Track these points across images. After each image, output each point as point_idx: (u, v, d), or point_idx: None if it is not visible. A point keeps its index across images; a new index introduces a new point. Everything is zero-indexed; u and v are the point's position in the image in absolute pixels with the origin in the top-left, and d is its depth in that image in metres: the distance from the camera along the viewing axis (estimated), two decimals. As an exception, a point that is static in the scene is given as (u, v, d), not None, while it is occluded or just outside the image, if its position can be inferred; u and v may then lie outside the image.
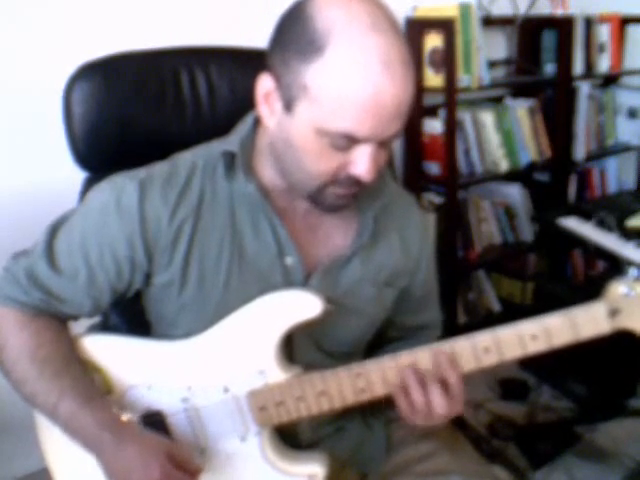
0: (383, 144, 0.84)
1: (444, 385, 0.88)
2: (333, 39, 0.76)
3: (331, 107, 0.78)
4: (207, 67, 1.20)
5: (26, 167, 1.65)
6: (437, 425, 0.92)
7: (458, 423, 2.00)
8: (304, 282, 0.94)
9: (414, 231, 1.04)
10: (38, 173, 1.66)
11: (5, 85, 1.60)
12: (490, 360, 0.89)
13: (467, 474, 1.00)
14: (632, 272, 0.87)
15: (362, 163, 0.82)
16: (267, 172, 0.93)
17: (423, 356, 0.90)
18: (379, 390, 0.92)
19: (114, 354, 0.96)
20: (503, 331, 0.88)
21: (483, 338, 0.89)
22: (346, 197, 0.88)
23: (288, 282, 0.94)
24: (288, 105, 0.82)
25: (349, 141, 0.81)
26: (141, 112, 1.15)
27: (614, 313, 0.86)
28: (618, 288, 0.86)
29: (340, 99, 0.77)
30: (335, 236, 0.98)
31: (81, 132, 1.12)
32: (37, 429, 0.99)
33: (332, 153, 0.82)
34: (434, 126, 2.28)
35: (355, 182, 0.85)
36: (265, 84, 0.85)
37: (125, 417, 0.92)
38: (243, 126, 0.96)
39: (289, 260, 0.94)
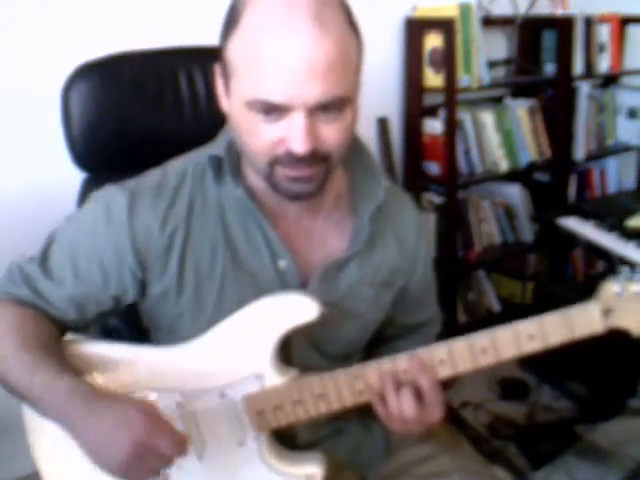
0: (316, 112, 0.77)
1: (418, 391, 0.88)
2: (246, 8, 0.77)
3: (245, 75, 0.77)
4: (205, 67, 1.20)
5: (25, 167, 1.65)
6: (418, 432, 0.91)
7: (458, 423, 2.01)
8: (300, 286, 0.94)
9: (409, 229, 1.03)
10: (37, 173, 1.66)
11: (4, 85, 1.60)
12: (487, 360, 0.89)
13: (467, 475, 1.00)
14: (624, 272, 0.87)
15: (292, 134, 0.77)
16: (252, 174, 0.92)
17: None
18: None
19: (110, 360, 0.95)
20: (500, 331, 0.88)
21: (480, 339, 0.88)
22: (300, 181, 0.82)
23: (283, 286, 0.93)
24: (227, 89, 0.83)
25: (272, 109, 0.77)
26: (139, 112, 1.15)
27: (607, 313, 0.86)
28: (611, 288, 0.87)
29: (249, 64, 0.76)
30: (330, 239, 0.96)
31: (79, 132, 1.12)
32: (27, 432, 0.98)
33: (264, 127, 0.79)
34: (434, 126, 2.28)
35: (297, 159, 0.79)
36: (218, 77, 0.87)
37: None
38: (224, 134, 0.95)
39: (282, 264, 0.93)
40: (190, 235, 0.91)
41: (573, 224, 1.89)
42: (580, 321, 0.87)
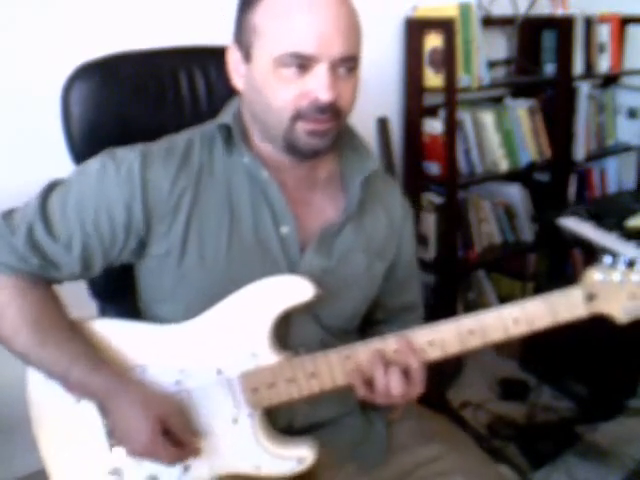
0: (337, 68, 0.87)
1: (406, 370, 0.91)
2: None
3: (274, 33, 0.86)
4: (205, 67, 1.20)
5: (25, 167, 1.65)
6: (398, 404, 0.95)
7: (458, 423, 2.01)
8: (300, 252, 0.97)
9: (396, 208, 1.09)
10: (37, 173, 1.65)
11: (4, 85, 1.60)
12: (474, 342, 0.92)
13: (472, 475, 1.01)
14: (607, 259, 0.90)
15: (318, 84, 0.85)
16: (257, 143, 0.97)
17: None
18: None
19: (110, 338, 0.97)
20: (487, 315, 0.92)
21: (468, 322, 0.92)
22: (318, 134, 0.89)
23: (285, 252, 0.97)
24: (247, 56, 0.90)
25: (301, 61, 0.85)
26: (139, 112, 1.15)
27: (590, 298, 0.89)
28: (594, 274, 0.90)
29: (279, 22, 0.85)
30: (326, 209, 1.01)
31: (79, 132, 1.12)
32: (34, 429, 0.99)
33: (290, 81, 0.86)
34: (434, 126, 2.28)
35: (321, 110, 0.87)
36: (231, 56, 0.93)
37: None
38: (230, 107, 1.00)
39: (284, 229, 0.96)
40: (197, 200, 0.94)
41: (573, 224, 1.89)
42: (564, 305, 0.90)
